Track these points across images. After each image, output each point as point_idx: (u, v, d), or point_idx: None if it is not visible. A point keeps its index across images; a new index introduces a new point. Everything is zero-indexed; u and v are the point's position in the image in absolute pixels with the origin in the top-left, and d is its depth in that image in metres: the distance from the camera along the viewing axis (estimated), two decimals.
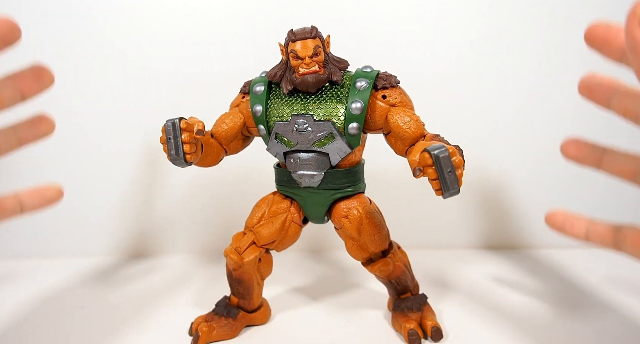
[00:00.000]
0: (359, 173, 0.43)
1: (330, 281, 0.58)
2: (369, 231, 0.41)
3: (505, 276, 0.58)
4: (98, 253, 0.69)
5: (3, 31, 0.38)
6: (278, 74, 0.41)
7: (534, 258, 0.66)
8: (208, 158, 0.42)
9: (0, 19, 0.38)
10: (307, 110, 0.40)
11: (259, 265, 0.44)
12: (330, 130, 0.39)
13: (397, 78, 0.41)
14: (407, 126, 0.38)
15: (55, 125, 0.46)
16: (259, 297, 0.46)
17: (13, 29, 0.39)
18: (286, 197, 0.45)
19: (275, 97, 0.42)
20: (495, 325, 0.45)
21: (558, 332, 0.44)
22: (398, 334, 0.44)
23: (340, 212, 0.42)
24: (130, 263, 0.66)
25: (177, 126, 0.36)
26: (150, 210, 0.70)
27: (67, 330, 0.45)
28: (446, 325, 0.45)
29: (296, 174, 0.41)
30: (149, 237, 0.70)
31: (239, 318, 0.44)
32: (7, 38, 0.38)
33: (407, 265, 0.45)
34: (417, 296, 0.45)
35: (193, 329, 0.43)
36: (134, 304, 0.51)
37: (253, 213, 0.44)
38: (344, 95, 0.40)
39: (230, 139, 0.43)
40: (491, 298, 0.52)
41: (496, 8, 0.67)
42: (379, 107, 0.40)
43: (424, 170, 0.31)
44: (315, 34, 0.39)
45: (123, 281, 0.59)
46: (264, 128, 0.42)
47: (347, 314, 0.48)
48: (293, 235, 0.44)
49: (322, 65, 0.39)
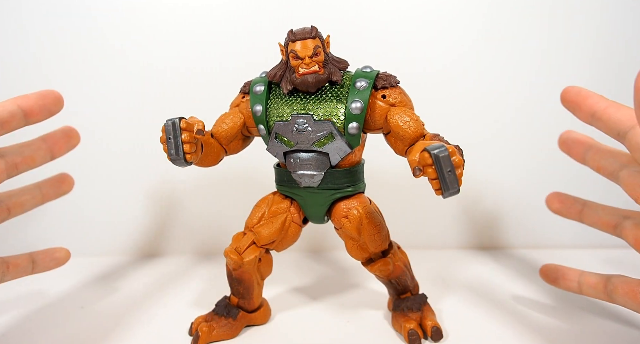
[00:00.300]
0: (359, 173, 0.43)
1: (330, 281, 0.58)
2: (369, 231, 0.41)
3: (506, 276, 0.58)
4: (98, 253, 0.69)
5: (49, 103, 0.42)
6: (278, 74, 0.41)
7: (534, 258, 0.66)
8: (208, 158, 0.42)
9: (47, 93, 0.42)
10: (307, 110, 0.40)
11: (259, 265, 0.44)
12: (330, 130, 0.39)
13: (397, 78, 0.41)
14: (407, 126, 0.38)
15: (74, 184, 0.49)
16: (259, 297, 0.46)
17: (58, 101, 0.43)
18: (286, 197, 0.45)
19: (275, 97, 0.42)
20: (496, 325, 0.45)
21: (558, 332, 0.44)
22: (398, 334, 0.44)
23: (340, 212, 0.42)
24: (130, 263, 0.66)
25: (177, 126, 0.36)
26: (150, 210, 0.70)
27: (67, 330, 0.45)
28: (446, 325, 0.45)
29: (296, 174, 0.41)
30: (148, 237, 0.70)
31: (239, 318, 0.44)
32: (52, 110, 0.43)
33: (407, 265, 0.45)
34: (417, 296, 0.45)
35: (193, 329, 0.43)
36: (134, 304, 0.51)
37: (253, 213, 0.44)
38: (344, 95, 0.40)
39: (230, 139, 0.43)
40: (491, 298, 0.52)
41: (496, 8, 0.67)
42: (378, 107, 0.40)
43: (424, 169, 0.31)
44: (315, 34, 0.39)
45: (123, 281, 0.59)
46: (263, 128, 0.42)
47: (347, 314, 0.48)
48: (293, 235, 0.44)
49: (322, 65, 0.39)
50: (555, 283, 0.47)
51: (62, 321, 0.48)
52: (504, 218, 0.71)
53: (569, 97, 0.42)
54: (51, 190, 0.48)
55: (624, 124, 0.36)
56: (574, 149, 0.46)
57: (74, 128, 0.48)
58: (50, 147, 0.45)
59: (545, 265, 0.49)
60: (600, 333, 0.43)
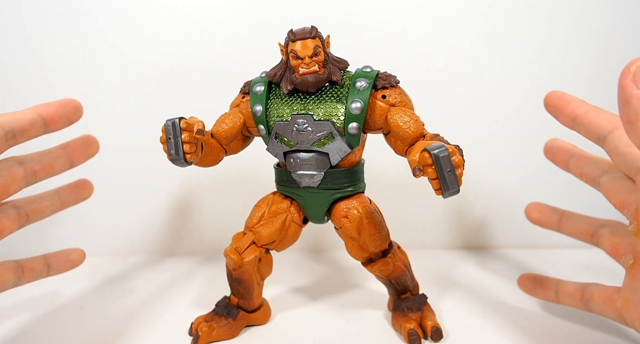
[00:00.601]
0: (358, 173, 0.43)
1: (330, 281, 0.58)
2: (369, 231, 0.41)
3: (506, 276, 0.58)
4: (98, 253, 0.69)
5: (68, 111, 0.43)
6: (278, 74, 0.41)
7: (535, 258, 0.66)
8: (208, 158, 0.42)
9: (67, 101, 0.42)
10: (307, 110, 0.40)
11: (259, 265, 0.44)
12: (330, 130, 0.39)
13: (396, 78, 0.41)
14: (407, 126, 0.38)
15: (93, 190, 0.49)
16: (259, 297, 0.46)
17: (77, 110, 0.44)
18: (286, 197, 0.45)
19: (275, 97, 0.42)
20: (496, 325, 0.45)
21: (558, 331, 0.44)
22: (398, 334, 0.44)
23: (340, 212, 0.42)
24: (130, 263, 0.66)
25: (177, 126, 0.36)
26: (150, 210, 0.70)
27: (66, 330, 0.45)
28: (446, 325, 0.45)
29: (296, 174, 0.41)
30: (148, 237, 0.70)
31: (239, 318, 0.44)
32: (72, 118, 0.43)
33: (407, 265, 0.45)
34: (417, 296, 0.45)
35: (193, 329, 0.43)
36: (133, 304, 0.51)
37: (253, 213, 0.44)
38: (344, 95, 0.40)
39: (230, 139, 0.43)
40: (491, 297, 0.52)
41: (496, 8, 0.67)
42: (378, 107, 0.40)
43: (424, 169, 0.31)
44: (315, 34, 0.39)
45: (123, 281, 0.59)
46: (263, 128, 0.42)
47: (347, 314, 0.48)
48: (293, 235, 0.44)
49: (322, 65, 0.39)
50: (533, 292, 0.47)
51: (61, 321, 0.48)
52: (504, 218, 0.71)
53: (551, 102, 0.43)
54: (70, 196, 0.48)
55: (603, 128, 0.37)
56: (558, 156, 0.47)
57: (93, 137, 0.48)
58: (69, 155, 0.45)
59: (524, 274, 0.49)
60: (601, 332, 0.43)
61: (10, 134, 0.37)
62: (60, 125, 0.42)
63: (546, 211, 0.50)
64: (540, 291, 0.46)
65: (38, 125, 0.40)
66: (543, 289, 0.45)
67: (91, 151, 0.48)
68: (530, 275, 0.48)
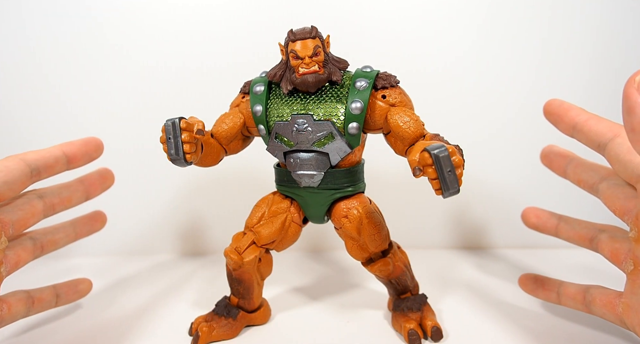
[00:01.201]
0: (358, 173, 0.43)
1: (330, 281, 0.58)
2: (369, 231, 0.41)
3: (506, 276, 0.58)
4: (98, 253, 0.69)
5: (91, 149, 0.44)
6: (278, 74, 0.41)
7: (535, 258, 0.66)
8: (208, 158, 0.42)
9: (90, 140, 0.44)
10: (307, 110, 0.40)
11: (259, 265, 0.44)
12: (330, 130, 0.39)
13: (397, 78, 0.41)
14: (407, 126, 0.38)
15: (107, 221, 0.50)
16: (259, 297, 0.46)
17: (98, 148, 0.46)
18: (286, 197, 0.45)
19: (275, 97, 0.42)
20: (496, 325, 0.45)
21: (558, 332, 0.44)
22: (398, 334, 0.44)
23: (340, 212, 0.42)
24: (130, 263, 0.66)
25: (177, 126, 0.36)
26: (150, 210, 0.70)
27: (66, 330, 0.45)
28: (446, 325, 0.45)
29: (296, 174, 0.41)
30: (148, 237, 0.70)
31: (239, 318, 0.44)
32: (93, 156, 0.45)
33: (407, 265, 0.45)
34: (417, 296, 0.45)
35: (193, 329, 0.43)
36: (133, 304, 0.51)
37: (253, 213, 0.44)
38: (344, 95, 0.40)
39: (230, 139, 0.43)
40: (491, 297, 0.52)
41: (496, 8, 0.67)
42: (378, 107, 0.40)
43: (424, 169, 0.31)
44: (315, 33, 0.39)
45: (123, 281, 0.59)
46: (263, 128, 0.42)
47: (347, 314, 0.48)
48: (293, 235, 0.44)
49: (322, 65, 0.39)
50: (535, 293, 0.47)
51: (61, 321, 0.48)
52: (504, 218, 0.70)
53: (551, 110, 0.43)
54: (84, 228, 0.49)
55: (604, 136, 0.37)
56: (555, 163, 0.47)
57: (110, 170, 0.50)
58: (86, 188, 0.47)
59: (525, 274, 0.49)
60: (601, 331, 0.43)
61: (36, 171, 0.39)
62: (82, 163, 0.44)
63: (544, 216, 0.49)
64: (541, 292, 0.46)
65: (62, 162, 0.42)
66: (545, 290, 0.45)
67: (107, 184, 0.50)
68: (532, 275, 0.48)
